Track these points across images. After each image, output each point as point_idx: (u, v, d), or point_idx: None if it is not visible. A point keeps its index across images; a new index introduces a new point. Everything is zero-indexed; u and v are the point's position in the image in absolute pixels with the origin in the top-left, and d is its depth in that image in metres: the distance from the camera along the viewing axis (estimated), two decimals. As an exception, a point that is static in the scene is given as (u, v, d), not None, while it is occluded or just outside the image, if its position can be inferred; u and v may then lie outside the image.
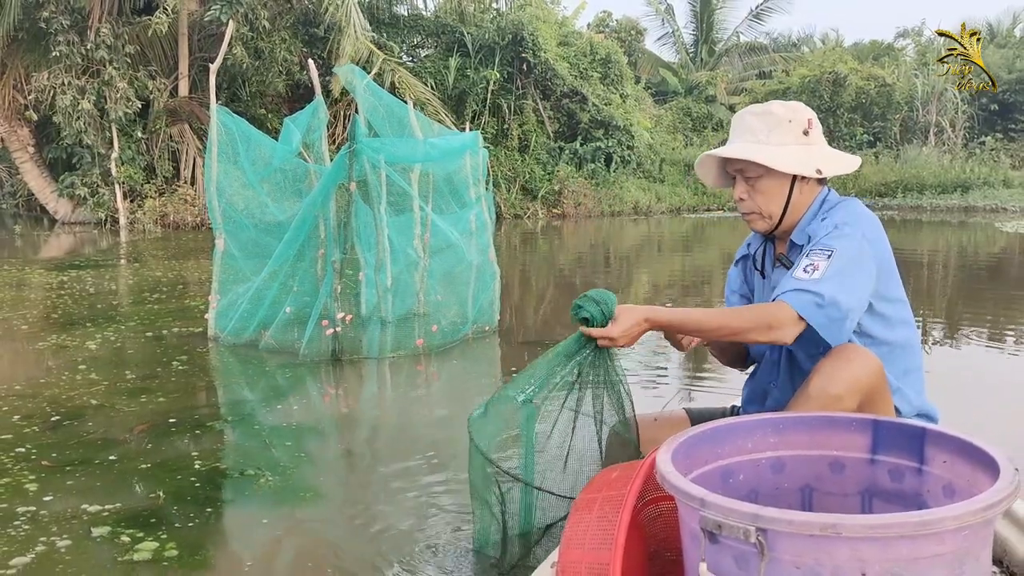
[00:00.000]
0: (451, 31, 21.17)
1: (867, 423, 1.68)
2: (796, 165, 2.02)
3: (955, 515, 1.23)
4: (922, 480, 1.60)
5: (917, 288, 9.34)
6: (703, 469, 1.63)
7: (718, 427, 1.68)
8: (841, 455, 1.69)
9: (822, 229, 1.99)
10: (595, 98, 21.64)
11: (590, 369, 2.11)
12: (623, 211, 21.33)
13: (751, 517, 1.25)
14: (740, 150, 2.05)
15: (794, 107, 2.09)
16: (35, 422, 4.09)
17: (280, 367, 5.41)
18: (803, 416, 1.74)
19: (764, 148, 2.03)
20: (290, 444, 3.91)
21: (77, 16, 16.38)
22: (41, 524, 2.92)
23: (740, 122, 2.12)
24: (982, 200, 23.17)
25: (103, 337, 6.29)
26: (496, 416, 2.23)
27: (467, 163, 6.93)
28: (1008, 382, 5.25)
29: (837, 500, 1.70)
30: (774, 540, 1.24)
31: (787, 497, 1.71)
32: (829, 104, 28.02)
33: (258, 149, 6.47)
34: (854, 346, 1.90)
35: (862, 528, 1.21)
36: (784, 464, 1.71)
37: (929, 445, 1.59)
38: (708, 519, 1.30)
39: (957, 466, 1.53)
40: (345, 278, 6.03)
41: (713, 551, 1.32)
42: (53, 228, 17.43)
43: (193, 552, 2.75)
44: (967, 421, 4.14)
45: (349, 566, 2.68)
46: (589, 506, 1.63)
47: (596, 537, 1.56)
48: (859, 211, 2.04)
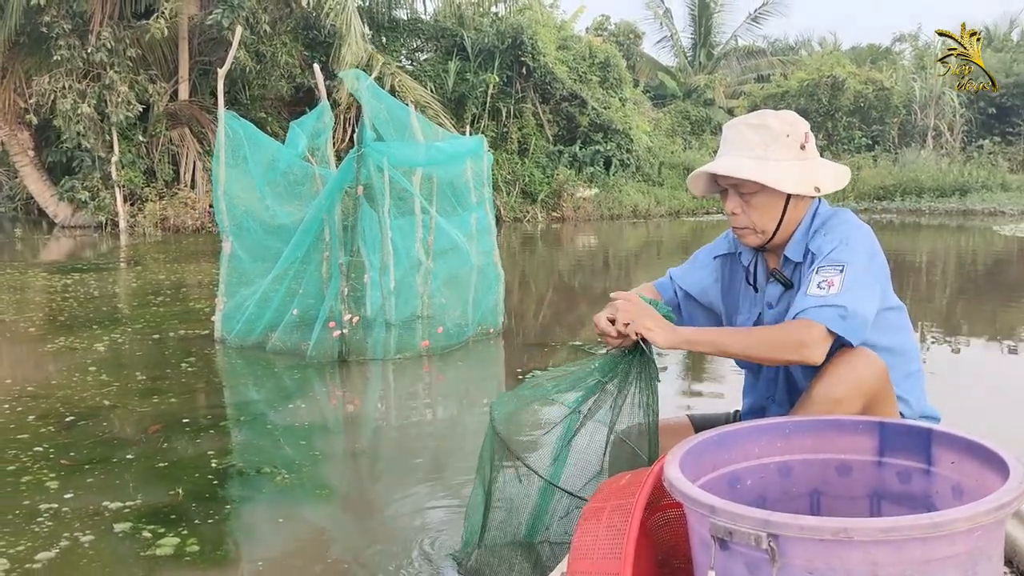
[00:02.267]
0: (450, 35, 21.26)
1: (873, 425, 1.68)
2: (796, 184, 1.98)
3: (967, 516, 1.22)
4: (930, 481, 1.59)
5: (916, 289, 9.42)
6: (710, 475, 1.62)
7: (725, 433, 1.67)
8: (848, 458, 1.68)
9: (827, 244, 1.96)
10: (594, 102, 21.73)
11: (630, 370, 2.02)
12: (622, 214, 21.40)
13: (762, 523, 1.24)
14: (738, 167, 1.99)
15: (791, 120, 2.04)
16: (50, 422, 4.15)
17: (288, 368, 5.47)
18: (809, 420, 1.74)
19: (763, 165, 1.97)
20: (304, 443, 3.98)
21: (78, 20, 16.42)
22: (64, 520, 2.98)
23: (736, 134, 2.04)
24: (980, 203, 23.27)
25: (110, 339, 6.35)
26: (521, 405, 2.23)
27: (469, 167, 7.00)
28: (1008, 382, 5.32)
29: (845, 503, 1.69)
30: (785, 546, 1.24)
31: (795, 502, 1.70)
32: (827, 108, 28.16)
33: (265, 152, 6.54)
34: (858, 349, 1.87)
35: (874, 532, 1.21)
36: (791, 468, 1.70)
37: (936, 446, 1.59)
38: (718, 526, 1.29)
39: (965, 466, 1.52)
40: (351, 280, 6.10)
41: (724, 558, 1.32)
42: (52, 232, 17.46)
43: (215, 547, 2.81)
44: (969, 422, 4.21)
45: (365, 562, 2.74)
46: (598, 515, 1.62)
47: (605, 547, 1.54)
48: (857, 223, 2.03)
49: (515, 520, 2.26)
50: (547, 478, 2.21)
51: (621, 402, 2.03)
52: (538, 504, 2.25)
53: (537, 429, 2.25)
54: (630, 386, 2.01)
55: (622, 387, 2.03)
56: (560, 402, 2.16)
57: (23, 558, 2.70)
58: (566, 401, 2.15)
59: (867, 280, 1.90)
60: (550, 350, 6.16)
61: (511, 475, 2.22)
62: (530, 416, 2.22)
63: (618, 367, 2.03)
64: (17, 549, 2.76)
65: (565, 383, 2.13)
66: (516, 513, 2.26)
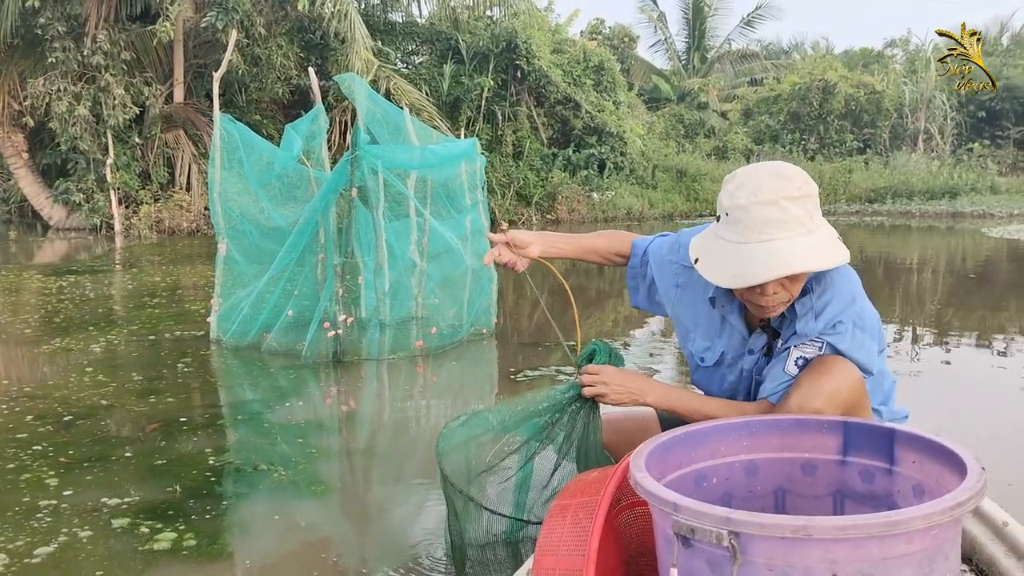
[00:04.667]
0: (445, 38, 21.34)
1: (837, 425, 1.68)
2: (844, 255, 1.75)
3: (924, 515, 1.24)
4: (892, 481, 1.61)
5: (907, 291, 9.51)
6: (677, 473, 1.62)
7: (692, 431, 1.68)
8: (813, 457, 1.69)
9: (819, 324, 1.82)
10: (588, 105, 21.83)
11: (572, 419, 2.03)
12: (616, 217, 21.48)
13: (723, 521, 1.26)
14: (805, 259, 1.70)
15: (803, 175, 1.76)
16: (48, 422, 4.20)
17: (283, 368, 5.53)
18: (774, 419, 1.74)
19: (817, 243, 1.72)
20: (300, 441, 4.04)
21: (73, 23, 16.44)
22: (63, 517, 3.03)
23: (780, 212, 1.70)
24: (970, 206, 23.43)
25: (106, 340, 6.39)
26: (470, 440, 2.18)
27: (463, 169, 7.06)
28: (982, 381, 5.40)
29: (809, 502, 1.70)
30: (746, 543, 1.25)
31: (760, 500, 1.71)
32: (819, 111, 28.32)
33: (260, 155, 6.59)
34: (833, 357, 1.80)
35: (832, 529, 1.22)
36: (757, 467, 1.71)
37: (899, 446, 1.60)
38: (681, 523, 1.30)
39: (926, 466, 1.54)
40: (346, 282, 6.16)
41: (686, 555, 1.33)
42: (47, 234, 17.47)
43: (211, 542, 2.87)
44: (940, 421, 4.30)
45: (358, 556, 2.80)
46: (563, 512, 1.62)
47: (570, 544, 1.54)
48: (852, 292, 1.86)
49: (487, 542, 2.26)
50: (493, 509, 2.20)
51: (568, 446, 2.04)
52: (507, 531, 2.26)
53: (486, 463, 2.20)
54: (576, 430, 2.02)
55: (570, 429, 2.03)
56: (508, 438, 2.14)
57: (22, 553, 2.75)
58: (513, 436, 2.13)
59: (869, 339, 1.85)
60: (543, 350, 6.22)
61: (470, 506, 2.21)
62: (481, 449, 2.21)
63: (567, 407, 2.02)
64: (16, 544, 2.81)
65: (512, 421, 2.09)
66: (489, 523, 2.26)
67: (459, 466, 2.16)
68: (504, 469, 2.18)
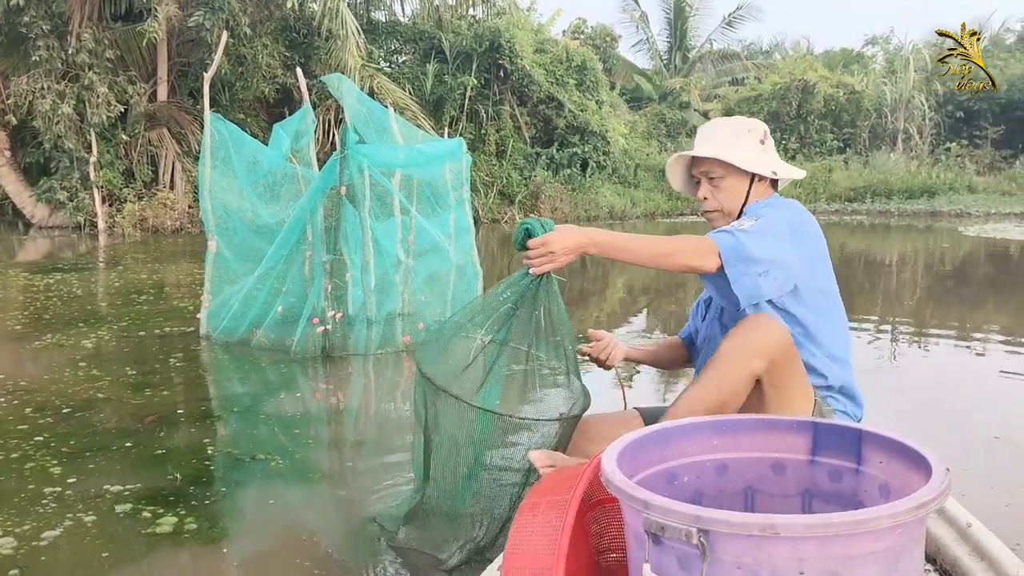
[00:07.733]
0: (429, 37, 21.45)
1: (807, 425, 1.73)
2: (755, 165, 2.32)
3: (889, 514, 1.27)
4: (859, 480, 1.66)
5: (886, 288, 9.73)
6: (649, 471, 1.66)
7: (664, 429, 1.72)
8: (782, 457, 1.74)
9: (759, 209, 2.31)
10: (571, 104, 22.01)
11: (532, 299, 2.20)
12: (599, 215, 21.67)
13: (693, 519, 1.28)
14: (708, 150, 2.35)
15: (753, 121, 2.43)
16: (48, 414, 4.31)
17: (274, 363, 5.65)
18: (745, 418, 1.80)
19: (728, 150, 2.33)
20: (296, 431, 4.17)
21: (57, 21, 16.42)
22: (67, 503, 3.15)
23: (706, 130, 2.43)
24: (947, 205, 23.83)
25: (97, 336, 6.48)
26: (443, 346, 2.34)
27: (448, 168, 7.18)
28: (956, 377, 5.60)
29: (778, 501, 1.74)
30: (715, 541, 1.27)
31: (730, 499, 1.75)
32: (799, 111, 28.64)
33: (248, 154, 6.70)
34: (763, 316, 2.12)
35: (799, 528, 1.25)
36: (727, 466, 1.75)
37: (866, 446, 1.65)
38: (651, 521, 1.33)
39: (892, 466, 1.58)
40: (334, 279, 6.27)
41: (657, 552, 1.35)
42: (28, 232, 17.43)
43: (211, 526, 3.00)
44: (908, 415, 4.48)
45: (351, 540, 2.94)
46: (534, 510, 1.63)
47: (540, 541, 1.55)
48: (798, 208, 2.34)
49: (457, 457, 2.35)
50: (477, 404, 2.29)
51: (533, 325, 2.23)
52: (478, 432, 2.31)
53: (462, 363, 2.34)
54: (539, 307, 2.21)
55: (532, 310, 2.21)
56: (477, 335, 2.29)
57: (29, 536, 2.87)
58: (483, 333, 2.28)
59: (774, 232, 2.15)
60: (527, 346, 6.35)
61: (444, 409, 2.29)
62: (453, 354, 2.37)
63: (526, 292, 2.20)
64: (23, 528, 2.93)
65: (480, 316, 2.27)
66: (457, 449, 2.33)
67: (439, 372, 2.30)
68: (476, 366, 2.35)
